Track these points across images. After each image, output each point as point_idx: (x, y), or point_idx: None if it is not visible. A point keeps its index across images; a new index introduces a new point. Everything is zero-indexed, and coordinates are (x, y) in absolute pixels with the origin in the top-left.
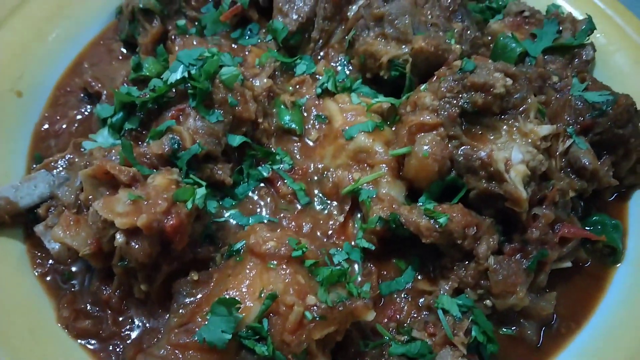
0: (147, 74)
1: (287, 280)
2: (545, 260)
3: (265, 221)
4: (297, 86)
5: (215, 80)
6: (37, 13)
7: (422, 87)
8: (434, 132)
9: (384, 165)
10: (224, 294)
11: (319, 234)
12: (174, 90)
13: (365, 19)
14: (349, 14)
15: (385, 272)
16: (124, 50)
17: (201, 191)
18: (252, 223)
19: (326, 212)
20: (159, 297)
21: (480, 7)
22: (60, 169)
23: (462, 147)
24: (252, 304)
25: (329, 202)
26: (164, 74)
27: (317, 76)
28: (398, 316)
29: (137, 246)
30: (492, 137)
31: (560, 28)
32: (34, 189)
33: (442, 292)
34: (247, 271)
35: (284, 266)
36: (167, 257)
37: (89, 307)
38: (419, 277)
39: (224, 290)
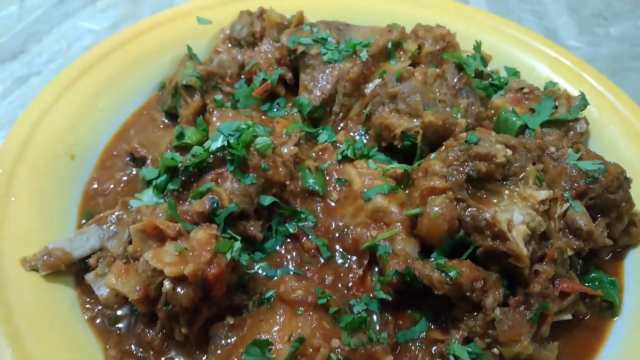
0: (189, 141)
1: (313, 325)
2: (547, 312)
3: (291, 273)
4: (320, 153)
5: (250, 148)
6: (89, 87)
7: (432, 155)
8: (444, 195)
9: (399, 224)
10: (257, 337)
11: (339, 285)
12: (212, 157)
13: (380, 96)
14: (366, 90)
15: (401, 322)
16: (165, 120)
17: (237, 244)
18: (280, 274)
19: (346, 265)
20: (198, 339)
21: (484, 84)
22: (110, 223)
23: (469, 209)
24: (282, 347)
25: (349, 256)
26: (205, 143)
27: (337, 144)
28: None
29: (182, 292)
30: (495, 201)
31: (557, 104)
32: (86, 242)
33: (453, 340)
34: (277, 317)
35: (311, 312)
36: (207, 302)
37: (133, 348)
38: (432, 327)
39: (256, 334)
